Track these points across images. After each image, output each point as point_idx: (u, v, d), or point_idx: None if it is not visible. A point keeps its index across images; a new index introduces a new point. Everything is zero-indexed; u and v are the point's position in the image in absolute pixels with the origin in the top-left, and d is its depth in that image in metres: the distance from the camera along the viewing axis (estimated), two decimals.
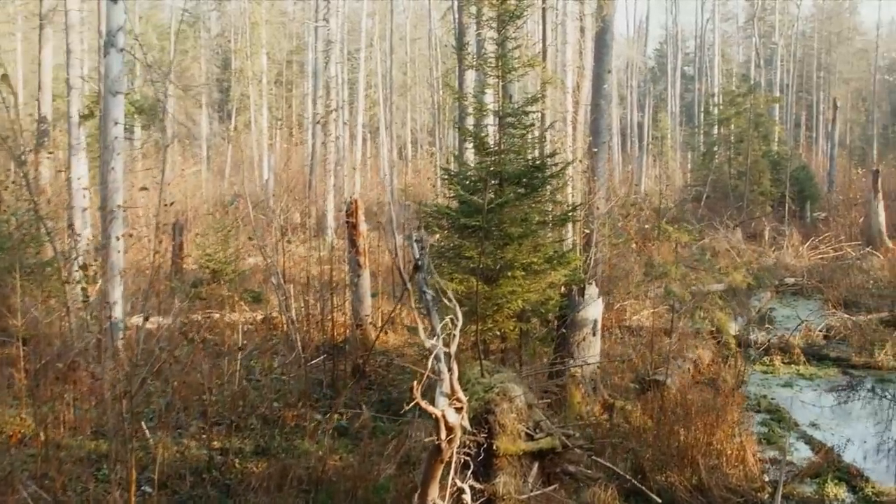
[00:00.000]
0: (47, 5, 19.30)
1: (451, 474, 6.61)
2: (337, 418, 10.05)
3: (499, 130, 10.61)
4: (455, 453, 6.34)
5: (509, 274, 10.01)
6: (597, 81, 17.66)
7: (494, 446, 7.47)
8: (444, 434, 5.99)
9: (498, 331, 10.32)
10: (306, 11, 44.09)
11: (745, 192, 32.19)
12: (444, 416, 5.95)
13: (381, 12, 42.26)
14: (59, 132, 22.03)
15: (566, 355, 10.82)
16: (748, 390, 12.85)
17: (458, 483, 6.72)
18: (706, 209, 31.91)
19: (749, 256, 25.20)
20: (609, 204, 17.53)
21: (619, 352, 13.08)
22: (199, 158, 41.24)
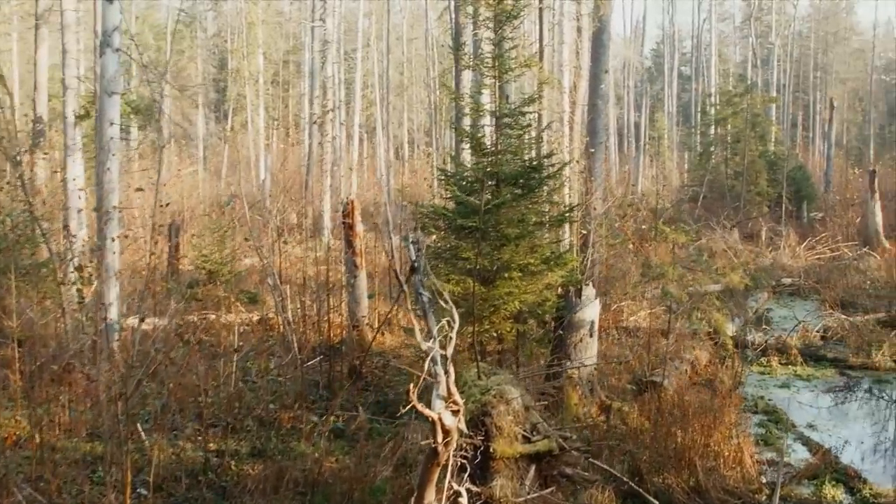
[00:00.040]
0: (43, 5, 19.25)
1: (448, 477, 6.59)
2: (333, 420, 10.01)
3: (495, 131, 10.58)
4: (451, 456, 6.32)
5: (506, 275, 9.99)
6: (594, 81, 17.62)
7: (491, 449, 7.45)
8: (441, 437, 5.96)
9: (495, 332, 10.30)
10: (303, 11, 43.99)
11: (741, 193, 32.20)
12: (440, 419, 5.92)
13: (378, 12, 42.18)
14: (55, 132, 21.98)
15: (563, 357, 10.79)
16: (745, 391, 12.85)
17: (455, 486, 6.70)
18: (703, 209, 31.91)
19: (746, 257, 25.21)
20: (606, 204, 17.51)
21: (616, 353, 13.06)
22: (195, 159, 41.19)
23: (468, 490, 6.90)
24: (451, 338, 6.25)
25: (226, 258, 17.78)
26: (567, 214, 12.19)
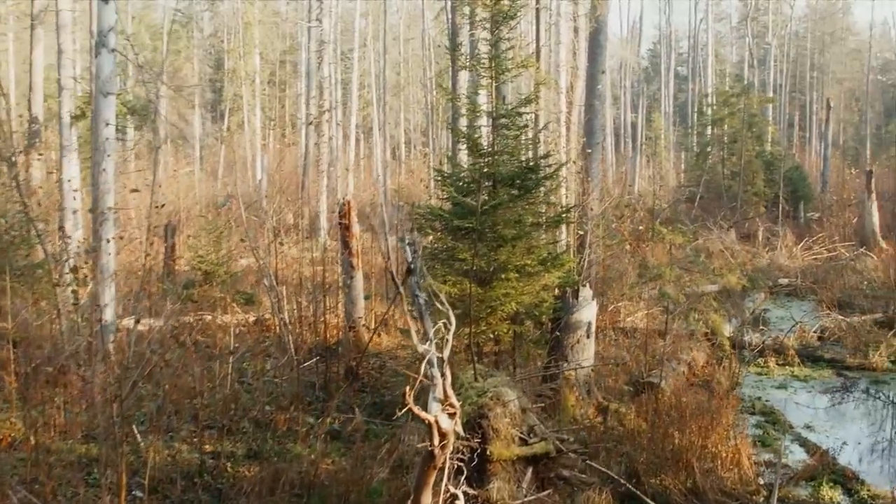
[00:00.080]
0: (38, 5, 19.19)
1: (445, 480, 6.55)
2: (330, 421, 9.98)
3: (492, 131, 10.55)
4: (448, 459, 6.29)
5: (503, 276, 9.96)
6: (590, 82, 17.60)
7: (488, 451, 7.42)
8: (437, 440, 5.94)
9: (491, 333, 10.27)
10: (299, 11, 44.05)
11: (738, 193, 32.17)
12: (437, 421, 5.89)
13: (375, 12, 42.13)
14: (51, 133, 21.95)
15: (560, 358, 10.77)
16: (743, 392, 12.83)
17: (452, 489, 6.67)
18: (700, 210, 31.88)
19: (743, 257, 25.19)
20: (603, 205, 17.48)
21: (613, 354, 13.03)
22: (191, 159, 41.12)
23: (465, 493, 6.87)
24: (447, 340, 6.22)
25: (222, 259, 17.73)
26: (564, 215, 12.16)
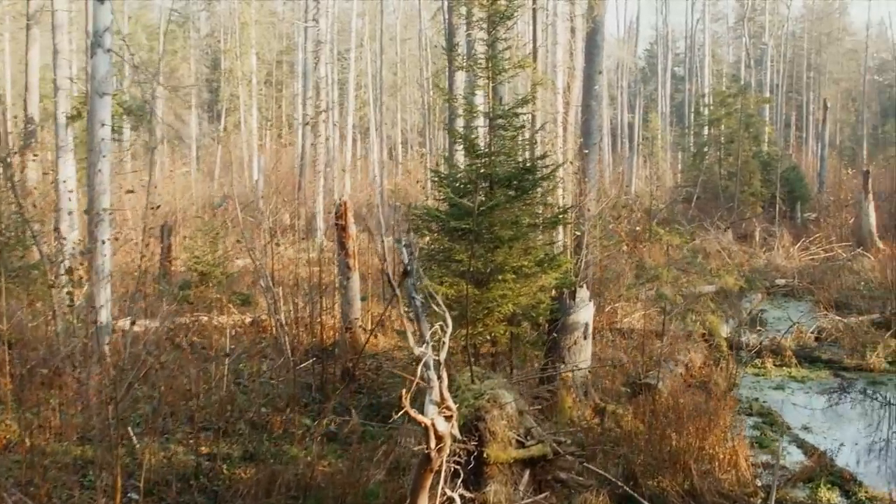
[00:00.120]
0: (34, 5, 19.17)
1: (441, 483, 6.52)
2: (326, 423, 9.95)
3: (489, 132, 10.53)
4: (445, 462, 6.26)
5: (500, 277, 9.94)
6: (587, 82, 17.61)
7: (485, 454, 7.39)
8: (434, 443, 5.91)
9: (488, 335, 10.24)
10: (296, 12, 44.00)
11: (735, 193, 32.16)
12: (433, 424, 5.86)
13: (371, 13, 42.20)
14: (47, 133, 21.89)
15: (557, 359, 10.74)
16: (740, 393, 12.81)
17: (448, 492, 6.64)
18: (697, 210, 31.87)
19: (740, 258, 25.17)
20: (600, 206, 17.46)
21: (610, 355, 13.00)
22: (188, 159, 41.10)
23: (462, 496, 6.85)
24: (444, 342, 6.20)
25: (218, 260, 17.68)
26: (561, 216, 12.14)
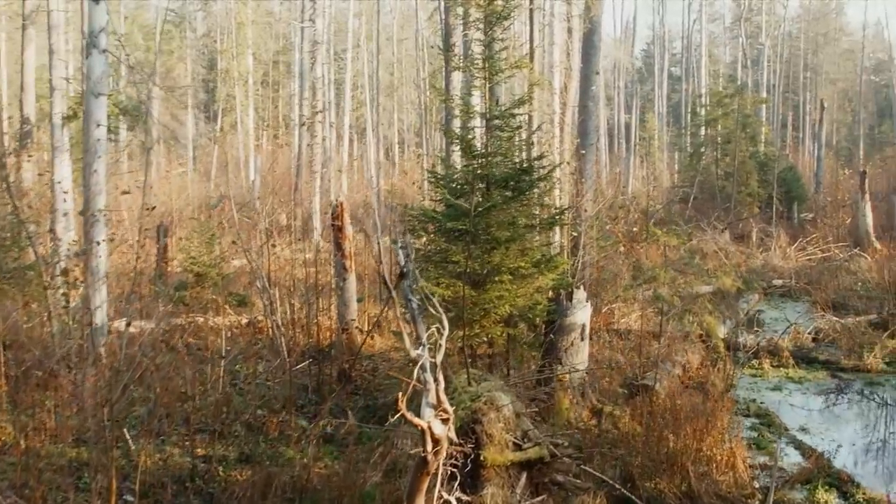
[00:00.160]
0: (30, 5, 19.11)
1: (438, 486, 6.50)
2: (322, 425, 9.91)
3: (486, 133, 10.49)
4: (441, 465, 6.23)
5: (496, 278, 9.91)
6: (584, 83, 17.59)
7: (482, 457, 7.35)
8: (430, 446, 5.88)
9: (485, 336, 10.21)
10: (292, 12, 43.92)
11: (732, 193, 32.17)
12: (430, 427, 5.83)
13: (368, 13, 42.14)
14: (43, 133, 21.84)
15: (554, 361, 10.71)
16: (737, 394, 12.79)
17: (445, 495, 6.62)
18: (694, 210, 31.86)
19: (737, 258, 25.15)
20: (597, 206, 17.43)
21: (607, 356, 12.97)
22: (184, 160, 41.05)
23: (458, 499, 6.82)
24: (440, 345, 6.17)
25: (214, 260, 17.63)
26: (558, 217, 12.11)
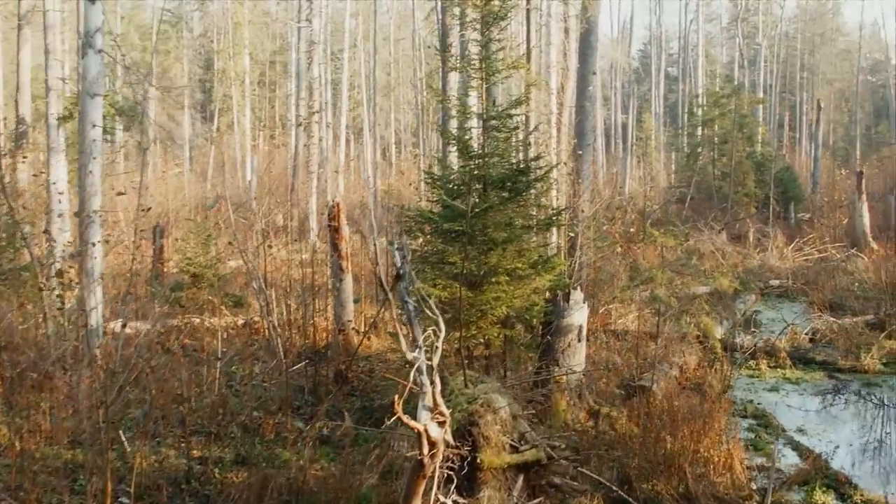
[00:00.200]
0: (26, 5, 19.06)
1: (434, 489, 6.48)
2: (319, 426, 9.88)
3: (483, 133, 10.46)
4: (438, 467, 6.21)
5: (493, 279, 9.88)
6: (581, 83, 17.54)
7: (478, 459, 7.33)
8: (427, 448, 5.85)
9: (482, 337, 10.18)
10: (289, 12, 43.94)
11: (729, 194, 32.19)
12: (426, 430, 5.81)
13: (365, 13, 42.07)
14: (38, 134, 21.79)
15: (551, 362, 10.68)
16: (734, 395, 12.75)
17: (441, 498, 6.60)
18: (691, 210, 31.88)
19: (734, 258, 25.15)
20: (594, 207, 17.41)
21: (604, 357, 12.94)
22: (180, 160, 40.97)
23: (455, 502, 6.80)
24: (437, 347, 6.14)
25: (210, 261, 17.59)
26: (555, 217, 12.08)
